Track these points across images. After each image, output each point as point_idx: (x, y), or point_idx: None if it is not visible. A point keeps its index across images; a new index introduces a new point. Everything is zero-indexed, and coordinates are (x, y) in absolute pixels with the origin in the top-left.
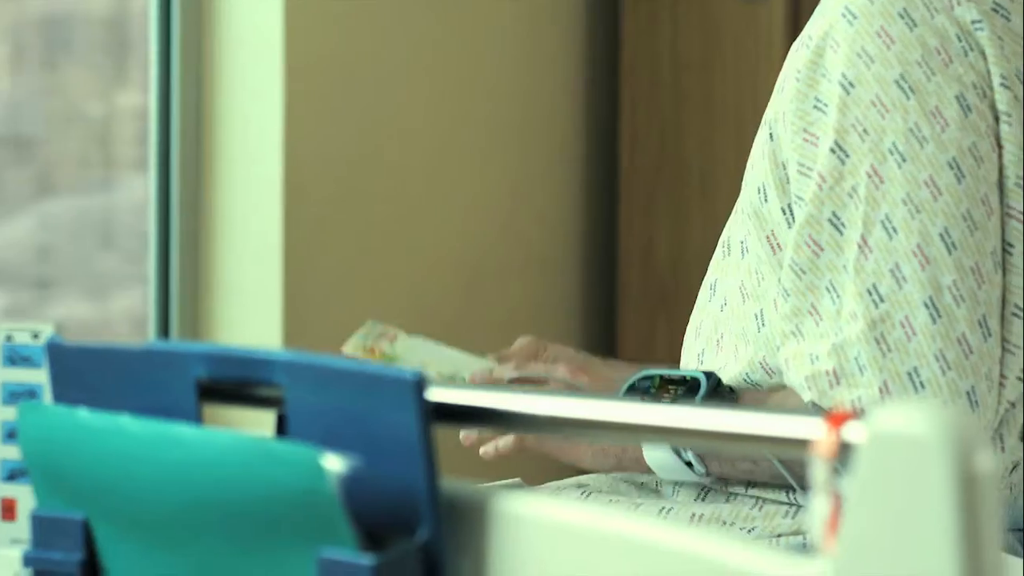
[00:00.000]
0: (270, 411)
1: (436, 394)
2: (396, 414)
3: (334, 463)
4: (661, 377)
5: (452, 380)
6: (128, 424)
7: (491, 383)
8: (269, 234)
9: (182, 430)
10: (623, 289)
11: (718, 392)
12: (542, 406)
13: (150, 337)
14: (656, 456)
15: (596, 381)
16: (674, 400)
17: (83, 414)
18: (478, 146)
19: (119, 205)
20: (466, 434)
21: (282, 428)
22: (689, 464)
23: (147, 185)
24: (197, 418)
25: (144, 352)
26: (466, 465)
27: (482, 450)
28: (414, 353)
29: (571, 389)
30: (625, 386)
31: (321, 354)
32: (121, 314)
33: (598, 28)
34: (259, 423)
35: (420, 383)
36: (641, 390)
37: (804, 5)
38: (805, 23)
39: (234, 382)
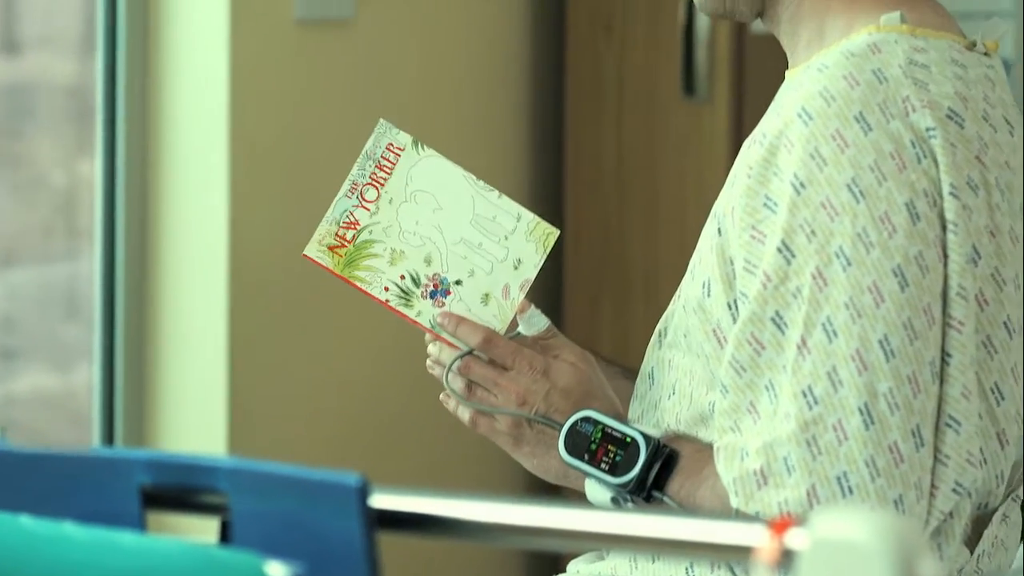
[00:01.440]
0: (214, 518)
1: (380, 500)
2: (340, 521)
3: (277, 570)
4: (603, 430)
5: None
6: (71, 531)
7: (450, 333)
8: (214, 315)
9: (125, 537)
10: None
11: (658, 455)
12: (486, 513)
13: (96, 416)
14: (594, 495)
15: (553, 391)
16: (611, 467)
17: (26, 521)
18: None
19: (83, 275)
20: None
21: (226, 535)
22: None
23: (92, 267)
24: (141, 525)
25: (87, 459)
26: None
27: (442, 396)
28: (394, 216)
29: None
30: (568, 424)
31: (265, 461)
32: (85, 385)
33: (542, 124)
34: (203, 530)
35: (363, 489)
36: (583, 434)
37: (747, 104)
38: (748, 122)
39: (178, 489)
